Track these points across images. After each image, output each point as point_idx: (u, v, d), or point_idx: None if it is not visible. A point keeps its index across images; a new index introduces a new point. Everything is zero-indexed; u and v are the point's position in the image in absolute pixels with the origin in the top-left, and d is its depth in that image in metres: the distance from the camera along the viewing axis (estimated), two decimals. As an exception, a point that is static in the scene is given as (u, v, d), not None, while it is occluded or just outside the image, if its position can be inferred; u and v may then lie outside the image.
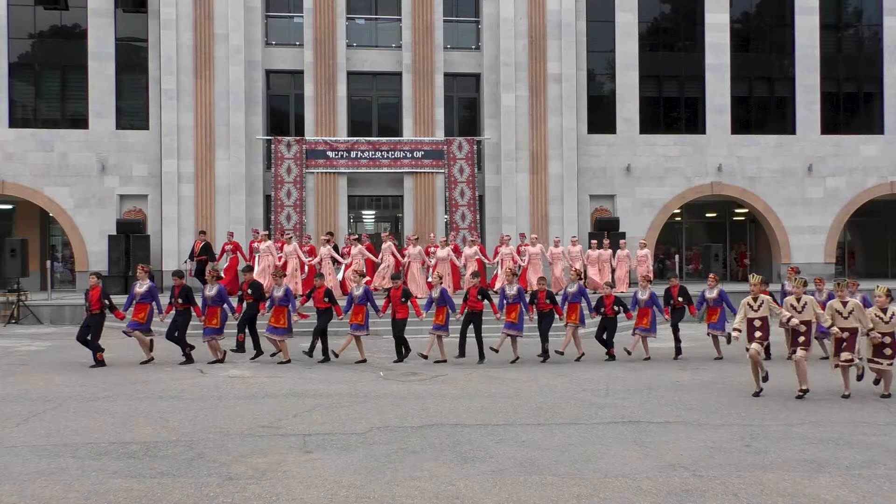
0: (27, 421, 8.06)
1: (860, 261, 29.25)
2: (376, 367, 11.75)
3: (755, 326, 9.53)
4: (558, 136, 22.52)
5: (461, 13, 23.35)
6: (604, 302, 12.69)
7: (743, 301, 9.77)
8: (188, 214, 21.55)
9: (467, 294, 12.56)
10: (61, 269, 24.93)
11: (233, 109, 21.64)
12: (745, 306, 9.65)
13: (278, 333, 12.06)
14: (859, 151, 24.23)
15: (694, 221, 27.72)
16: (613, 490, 5.77)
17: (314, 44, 22.12)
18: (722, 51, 23.77)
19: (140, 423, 7.94)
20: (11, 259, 18.37)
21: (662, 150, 23.59)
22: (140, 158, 21.90)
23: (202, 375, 11.03)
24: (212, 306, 12.11)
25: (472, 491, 5.75)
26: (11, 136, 21.63)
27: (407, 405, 8.86)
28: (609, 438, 7.31)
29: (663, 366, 12.03)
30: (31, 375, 10.98)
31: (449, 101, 23.11)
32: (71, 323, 18.01)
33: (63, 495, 5.64)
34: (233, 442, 7.20)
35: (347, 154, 22.07)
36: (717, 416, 8.29)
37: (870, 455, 6.75)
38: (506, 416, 8.27)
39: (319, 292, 12.34)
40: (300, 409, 8.67)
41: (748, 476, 6.12)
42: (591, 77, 23.61)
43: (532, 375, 11.05)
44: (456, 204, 22.29)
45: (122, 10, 21.78)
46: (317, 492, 5.73)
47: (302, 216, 21.85)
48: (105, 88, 21.90)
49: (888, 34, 24.45)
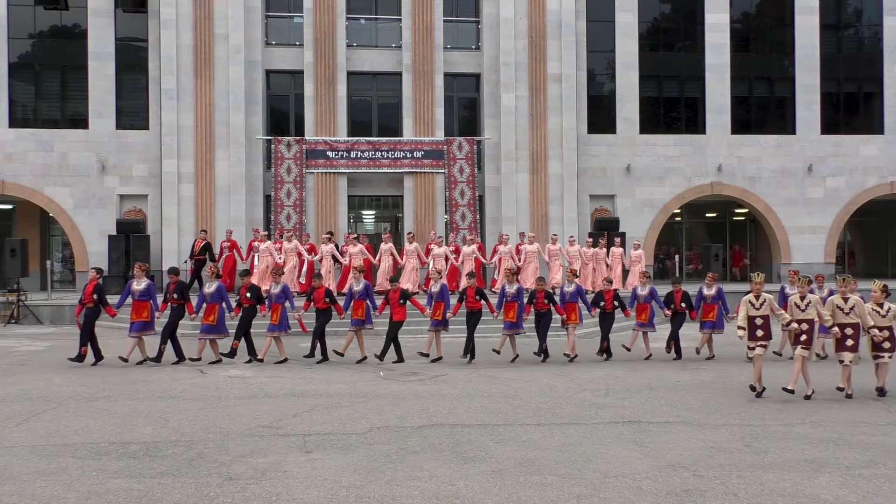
0: (27, 421, 8.06)
1: (860, 261, 29.25)
2: (376, 367, 11.75)
3: (757, 325, 9.51)
4: (558, 136, 22.52)
5: (461, 13, 23.34)
6: (603, 297, 12.72)
7: (744, 298, 9.74)
8: (188, 214, 21.55)
9: (464, 294, 12.56)
10: (61, 269, 24.93)
11: (233, 109, 21.64)
12: (747, 304, 9.61)
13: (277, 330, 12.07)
14: (859, 151, 24.23)
15: (694, 221, 27.72)
16: (613, 490, 5.77)
17: (314, 44, 22.11)
18: (722, 51, 23.78)
19: (140, 423, 7.93)
20: (11, 259, 18.38)
21: (662, 150, 23.59)
22: (140, 158, 21.91)
23: (202, 375, 11.03)
24: (210, 303, 12.08)
25: (472, 491, 5.75)
26: (11, 136, 21.63)
27: (407, 405, 8.86)
28: (609, 438, 7.31)
29: (663, 366, 12.03)
30: (31, 375, 10.98)
31: (449, 101, 23.11)
32: (71, 323, 18.02)
33: (63, 495, 5.64)
34: (233, 442, 7.20)
35: (347, 154, 22.06)
36: (717, 416, 8.29)
37: (870, 455, 6.75)
38: (506, 416, 8.27)
39: (319, 292, 12.34)
40: (300, 409, 8.67)
41: (748, 476, 6.11)
42: (591, 77, 23.61)
43: (532, 375, 11.05)
44: (456, 204, 22.29)
45: (122, 10, 21.78)
46: (317, 492, 5.73)
47: (302, 216, 21.85)
48: (105, 88, 21.90)
49: (888, 34, 24.45)
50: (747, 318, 9.58)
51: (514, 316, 12.30)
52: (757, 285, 9.71)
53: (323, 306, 12.25)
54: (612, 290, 12.95)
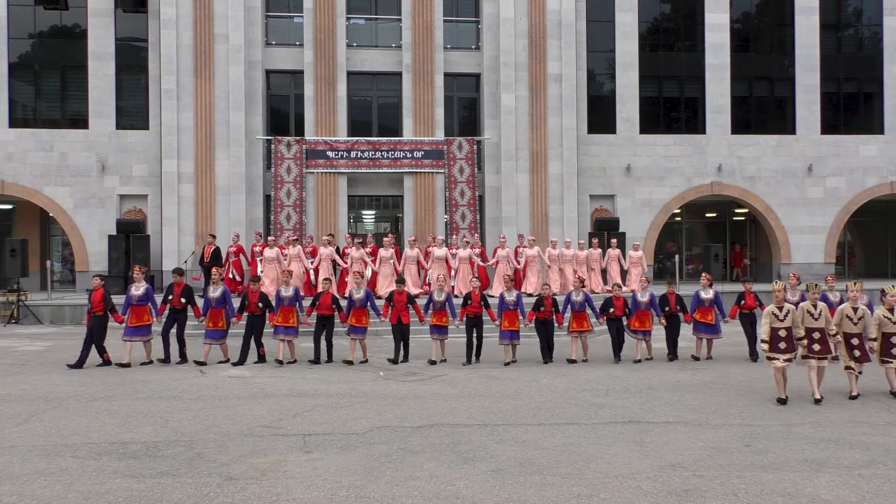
0: (27, 421, 8.06)
1: (860, 261, 29.25)
2: (376, 367, 11.75)
3: (780, 337, 8.99)
4: (558, 136, 22.52)
5: (461, 13, 23.35)
6: (613, 303, 12.61)
7: (766, 310, 9.28)
8: (188, 214, 21.55)
9: (468, 299, 12.48)
10: (61, 269, 24.93)
11: (233, 109, 21.64)
12: (770, 315, 9.10)
13: (290, 333, 12.06)
14: (859, 151, 24.24)
15: (694, 221, 27.73)
16: (613, 490, 5.77)
17: (314, 44, 22.12)
18: (722, 51, 23.79)
19: (140, 423, 7.93)
20: (11, 259, 18.37)
21: (662, 150, 23.59)
22: (140, 158, 21.92)
23: (202, 375, 11.03)
24: (216, 308, 12.08)
25: (472, 491, 5.75)
26: (11, 136, 21.64)
27: (407, 405, 8.86)
28: (609, 438, 7.31)
29: (663, 366, 12.02)
30: (31, 375, 10.98)
31: (449, 101, 23.12)
32: (71, 323, 18.02)
33: (63, 495, 5.64)
34: (233, 442, 7.19)
35: (347, 154, 22.07)
36: (717, 416, 8.29)
37: (870, 455, 6.74)
38: (506, 416, 8.27)
39: (326, 298, 12.23)
40: (300, 409, 8.66)
41: (748, 476, 6.11)
42: (591, 77, 23.62)
43: (532, 375, 11.05)
44: (456, 204, 22.29)
45: (122, 10, 21.80)
46: (317, 492, 5.73)
47: (302, 216, 21.85)
48: (105, 88, 21.91)
49: (888, 34, 24.46)
50: (770, 330, 9.06)
51: (513, 322, 12.21)
52: (777, 293, 9.18)
53: (329, 312, 12.22)
54: (622, 296, 12.80)
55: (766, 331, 9.06)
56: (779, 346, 9.00)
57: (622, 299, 12.62)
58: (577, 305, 12.54)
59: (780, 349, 8.99)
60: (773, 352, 9.05)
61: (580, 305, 12.53)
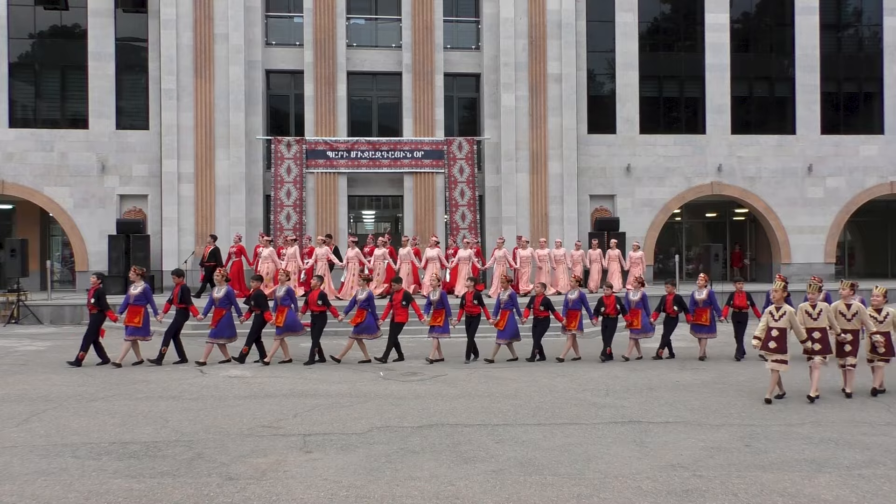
0: (27, 421, 8.06)
1: (860, 261, 29.26)
2: (376, 367, 11.75)
3: (771, 336, 9.05)
4: (558, 136, 22.52)
5: (461, 13, 23.35)
6: (604, 303, 12.65)
7: (766, 309, 9.35)
8: (188, 214, 21.55)
9: (464, 299, 12.51)
10: (61, 269, 24.93)
11: (233, 109, 21.65)
12: (768, 315, 9.17)
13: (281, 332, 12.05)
14: (859, 151, 24.24)
15: (694, 221, 27.73)
16: (613, 490, 5.77)
17: (314, 44, 22.12)
18: (722, 51, 23.78)
19: (140, 423, 7.93)
20: (11, 259, 18.38)
21: (662, 150, 23.60)
22: (140, 158, 21.92)
23: (202, 375, 11.03)
24: (219, 308, 12.08)
25: (472, 491, 5.75)
26: (11, 136, 21.65)
27: (407, 405, 8.86)
28: (609, 438, 7.31)
29: (663, 366, 12.02)
30: (31, 375, 10.98)
31: (449, 101, 23.12)
32: (71, 323, 18.03)
33: (63, 495, 5.64)
34: (233, 442, 7.19)
35: (347, 154, 22.07)
36: (717, 416, 8.29)
37: (870, 455, 6.74)
38: (506, 416, 8.27)
39: (314, 295, 12.27)
40: (300, 409, 8.66)
41: (748, 476, 6.11)
42: (591, 77, 23.62)
43: (532, 375, 11.05)
44: (456, 204, 22.29)
45: (122, 10, 21.80)
46: (317, 492, 5.73)
47: (302, 216, 21.85)
48: (105, 88, 21.91)
49: (888, 34, 24.46)
50: (766, 329, 9.11)
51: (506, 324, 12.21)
52: (775, 293, 9.24)
53: (317, 309, 12.18)
54: (614, 295, 12.85)
55: (762, 328, 9.16)
56: (769, 344, 9.08)
57: (613, 298, 12.67)
58: (570, 304, 12.62)
59: (769, 348, 9.08)
60: (763, 349, 9.21)
61: (574, 304, 12.62)
